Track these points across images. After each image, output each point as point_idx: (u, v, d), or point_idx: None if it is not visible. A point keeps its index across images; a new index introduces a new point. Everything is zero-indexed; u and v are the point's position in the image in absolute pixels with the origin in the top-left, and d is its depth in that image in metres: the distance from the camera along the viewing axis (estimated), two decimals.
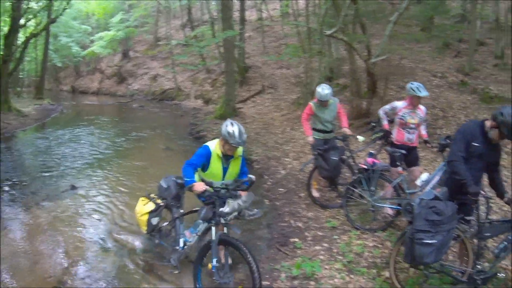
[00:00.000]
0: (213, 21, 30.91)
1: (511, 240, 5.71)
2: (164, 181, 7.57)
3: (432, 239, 5.29)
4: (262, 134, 17.56)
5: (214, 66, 30.74)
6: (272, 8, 39.03)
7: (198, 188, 5.98)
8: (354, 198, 8.93)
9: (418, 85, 8.39)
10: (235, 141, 6.20)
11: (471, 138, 5.87)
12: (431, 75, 19.05)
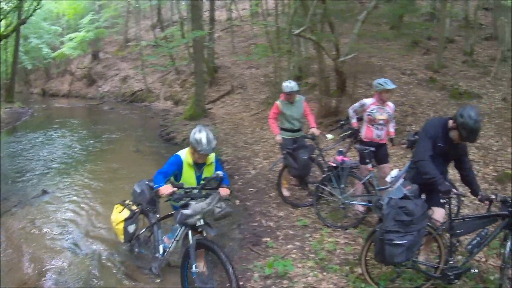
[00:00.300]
0: (182, 21, 30.85)
1: (484, 236, 5.74)
2: (137, 185, 7.22)
3: (402, 239, 5.28)
4: (231, 134, 17.53)
5: (183, 66, 30.60)
6: (241, 8, 38.96)
7: (165, 191, 5.82)
8: (325, 196, 9.01)
9: (384, 80, 8.44)
10: (202, 149, 6.00)
11: (435, 139, 5.90)
12: (400, 73, 19.16)
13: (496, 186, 10.43)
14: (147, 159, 15.26)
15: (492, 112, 14.50)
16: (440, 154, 6.00)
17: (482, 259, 7.10)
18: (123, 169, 13.86)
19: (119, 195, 10.71)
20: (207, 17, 28.95)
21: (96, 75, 38.65)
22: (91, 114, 28.26)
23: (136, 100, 31.72)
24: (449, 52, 21.20)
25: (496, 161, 11.54)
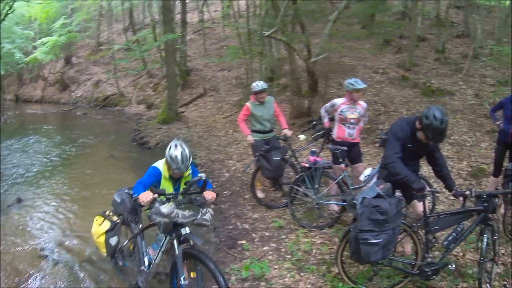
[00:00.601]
0: (154, 24, 30.66)
1: (460, 231, 5.77)
2: (117, 195, 6.82)
3: (377, 238, 5.28)
4: (205, 137, 17.48)
5: (156, 70, 30.43)
6: (213, 10, 38.93)
7: (144, 198, 5.47)
8: (299, 196, 9.01)
9: (355, 79, 8.44)
10: (177, 167, 5.75)
11: (404, 141, 5.91)
12: (372, 72, 19.26)
13: (471, 181, 10.52)
14: (121, 164, 15.14)
15: (465, 108, 14.60)
16: (410, 153, 6.02)
17: (459, 254, 7.16)
18: (98, 175, 13.73)
19: (95, 202, 10.73)
20: (179, 20, 28.79)
21: (68, 80, 38.21)
22: (65, 120, 27.93)
23: (109, 105, 31.37)
24: (421, 50, 21.34)
25: (470, 156, 11.64)
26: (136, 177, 13.21)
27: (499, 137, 9.08)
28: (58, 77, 38.57)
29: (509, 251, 7.32)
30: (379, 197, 5.47)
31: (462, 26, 23.75)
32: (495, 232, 5.76)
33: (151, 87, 29.52)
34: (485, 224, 5.71)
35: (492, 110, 9.44)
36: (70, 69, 39.28)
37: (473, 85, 16.45)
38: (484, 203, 5.61)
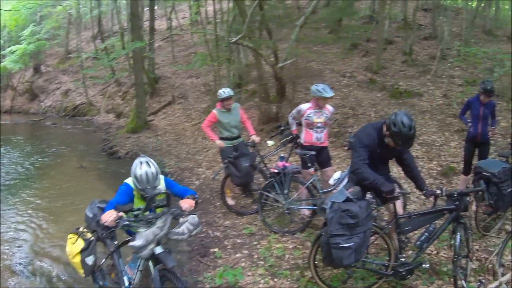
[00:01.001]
0: (122, 31, 30.48)
1: (432, 230, 5.80)
2: (89, 209, 6.25)
3: (348, 242, 5.25)
4: (174, 145, 17.47)
5: (124, 78, 30.21)
6: (182, 17, 38.84)
7: (107, 218, 5.07)
8: (269, 202, 8.98)
9: (323, 86, 8.41)
10: (142, 188, 5.41)
11: (371, 147, 5.89)
12: (339, 76, 19.36)
13: (441, 180, 10.61)
14: (92, 175, 14.99)
15: (434, 109, 14.71)
16: (379, 157, 6.03)
17: (433, 252, 7.19)
18: (68, 186, 13.55)
19: (67, 213, 10.61)
20: (147, 27, 28.75)
21: (38, 89, 37.71)
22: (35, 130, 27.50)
23: (78, 114, 31.02)
24: (388, 53, 21.52)
25: (440, 156, 11.74)
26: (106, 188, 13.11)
27: (467, 136, 9.17)
28: (27, 86, 38.04)
29: (483, 246, 7.41)
30: (349, 201, 5.46)
31: (430, 28, 24.05)
32: (468, 229, 5.81)
33: (120, 96, 29.33)
34: (457, 222, 5.74)
35: (461, 113, 9.57)
36: (39, 78, 38.84)
37: (441, 85, 16.59)
38: (456, 201, 5.64)
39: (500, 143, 11.86)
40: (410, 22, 22.35)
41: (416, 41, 21.96)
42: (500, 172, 7.03)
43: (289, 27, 16.56)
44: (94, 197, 6.85)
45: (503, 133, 12.37)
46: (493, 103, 9.08)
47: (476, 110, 8.83)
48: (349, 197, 5.46)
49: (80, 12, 36.91)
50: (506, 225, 8.15)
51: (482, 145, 8.99)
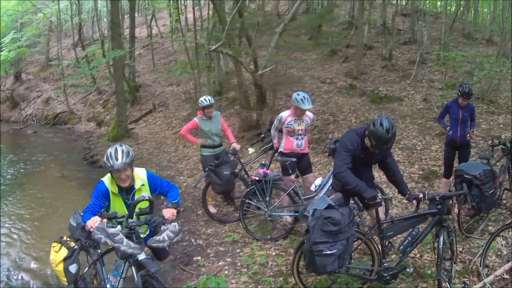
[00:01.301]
0: (103, 39, 30.37)
1: (415, 235, 5.80)
2: (73, 218, 6.24)
3: (332, 249, 5.21)
4: (155, 154, 17.45)
5: (105, 86, 30.13)
6: (162, 24, 38.89)
7: (92, 224, 5.06)
8: (251, 210, 9.01)
9: (303, 96, 8.35)
10: (114, 164, 5.20)
11: (354, 152, 5.88)
12: (319, 82, 19.49)
13: (423, 184, 10.64)
14: (73, 184, 14.89)
15: (414, 113, 14.80)
16: (363, 164, 6.07)
17: (417, 256, 7.20)
18: (50, 195, 13.45)
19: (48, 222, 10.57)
20: (127, 35, 28.69)
21: (18, 97, 37.35)
22: (15, 139, 27.21)
23: (59, 123, 30.74)
24: (368, 59, 21.70)
25: (421, 159, 11.80)
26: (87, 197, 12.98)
27: (447, 140, 9.22)
28: (8, 94, 37.72)
29: (466, 248, 7.44)
30: (331, 207, 5.43)
31: (409, 33, 24.34)
32: (451, 232, 5.82)
33: (100, 104, 29.22)
34: (440, 226, 5.74)
35: (440, 117, 9.60)
36: (20, 86, 38.57)
37: (421, 90, 16.74)
38: (438, 205, 5.65)
39: (481, 145, 11.94)
40: (389, 27, 22.54)
41: (396, 46, 22.15)
42: (481, 174, 7.09)
43: (269, 34, 16.58)
44: (75, 206, 6.82)
45: (483, 135, 12.46)
46: (472, 106, 9.13)
47: (455, 113, 8.87)
48: (331, 204, 5.43)
49: (60, 20, 36.72)
50: (489, 226, 8.18)
51: (462, 148, 9.04)
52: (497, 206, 8.69)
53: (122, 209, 5.60)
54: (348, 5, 29.54)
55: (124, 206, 5.65)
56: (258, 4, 35.53)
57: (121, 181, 5.44)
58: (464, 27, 24.75)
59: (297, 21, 22.12)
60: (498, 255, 6.83)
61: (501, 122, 13.31)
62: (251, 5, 35.15)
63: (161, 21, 39.46)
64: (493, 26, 23.77)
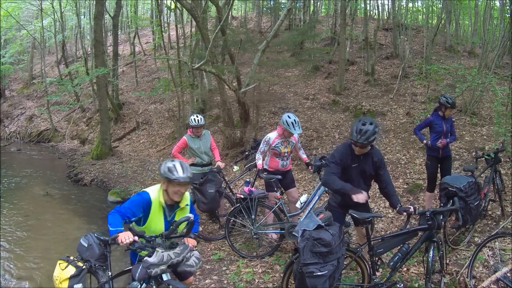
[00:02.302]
0: (86, 57, 30.28)
1: (405, 251, 5.80)
2: (84, 239, 5.83)
3: (322, 270, 5.18)
4: (139, 172, 17.35)
5: (89, 104, 30.00)
6: (145, 42, 38.84)
7: (124, 239, 4.78)
8: (236, 227, 9.08)
9: (294, 120, 8.37)
10: (178, 177, 5.10)
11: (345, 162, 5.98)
12: (302, 98, 19.59)
13: (408, 197, 10.72)
14: (57, 202, 14.73)
15: (397, 127, 14.89)
16: (358, 174, 6.10)
17: (404, 269, 7.22)
18: (34, 214, 13.26)
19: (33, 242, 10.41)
20: (111, 52, 28.62)
21: (2, 114, 37.27)
22: None
23: (43, 140, 30.46)
24: (350, 74, 21.79)
25: (406, 173, 11.88)
26: (72, 215, 12.94)
27: (429, 154, 9.27)
28: None
29: (453, 260, 7.48)
30: (320, 227, 5.40)
31: (391, 47, 24.37)
32: (441, 246, 5.87)
33: (84, 122, 29.09)
34: (430, 241, 5.77)
35: (417, 128, 9.64)
36: (4, 103, 38.33)
37: (404, 104, 16.85)
38: (429, 221, 5.66)
39: (465, 157, 12.03)
40: (371, 42, 22.65)
41: (378, 61, 22.27)
42: (466, 186, 7.15)
43: (252, 52, 16.67)
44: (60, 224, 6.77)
45: (467, 147, 12.57)
46: (451, 118, 9.23)
47: (440, 127, 8.92)
48: (320, 224, 5.41)
49: (44, 37, 36.62)
50: (475, 237, 8.25)
51: (445, 160, 9.09)
52: (483, 217, 8.77)
53: (160, 224, 5.42)
54: (330, 21, 29.83)
55: (162, 222, 5.44)
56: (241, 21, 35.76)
57: (176, 196, 5.29)
58: (446, 40, 24.96)
59: (280, 38, 22.31)
60: (485, 266, 6.87)
61: (484, 133, 13.45)
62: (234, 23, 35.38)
63: (144, 38, 39.43)
64: (475, 38, 23.97)
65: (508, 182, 10.22)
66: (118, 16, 26.72)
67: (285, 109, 17.54)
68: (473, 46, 24.50)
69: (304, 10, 28.14)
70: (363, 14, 26.57)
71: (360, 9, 30.68)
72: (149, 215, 5.31)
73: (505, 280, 5.75)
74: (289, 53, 23.36)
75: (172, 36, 33.02)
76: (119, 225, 5.00)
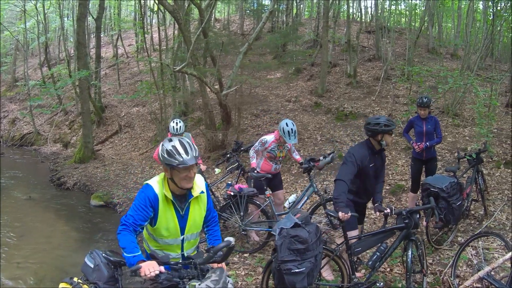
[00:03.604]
0: (69, 59, 30.11)
1: (384, 250, 5.81)
2: (89, 258, 4.90)
3: (300, 267, 5.20)
4: (121, 175, 17.24)
5: (71, 107, 29.76)
6: (128, 44, 38.73)
7: (148, 272, 3.75)
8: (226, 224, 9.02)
9: (291, 129, 8.26)
10: (183, 161, 4.00)
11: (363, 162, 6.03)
12: (285, 100, 19.61)
13: (390, 198, 10.80)
14: (40, 206, 14.53)
15: None
16: (373, 173, 6.21)
17: (387, 269, 7.27)
18: (17, 219, 13.06)
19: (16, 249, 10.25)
20: (93, 54, 28.47)
21: None
22: None
23: (25, 144, 30.14)
24: (333, 76, 21.83)
25: (388, 174, 11.92)
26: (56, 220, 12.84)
27: (413, 154, 9.31)
28: None
29: (436, 260, 7.54)
30: (297, 226, 5.44)
31: (373, 49, 24.45)
32: (420, 245, 5.88)
33: (67, 125, 28.88)
34: (408, 240, 5.79)
35: (405, 130, 9.76)
36: None
37: (386, 106, 16.95)
38: (405, 220, 5.70)
39: (448, 158, 12.11)
40: (354, 44, 22.73)
41: (360, 63, 22.36)
42: (448, 187, 7.22)
43: (234, 54, 16.65)
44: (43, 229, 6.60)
45: (449, 148, 12.66)
46: (435, 119, 9.26)
47: (419, 127, 9.00)
48: (297, 223, 5.45)
49: (27, 38, 36.44)
50: (458, 237, 8.32)
51: (429, 162, 9.13)
52: (466, 217, 8.86)
53: (173, 223, 4.30)
54: (313, 24, 29.90)
55: (175, 218, 4.32)
56: (224, 24, 35.72)
57: (185, 182, 4.16)
58: (429, 42, 25.17)
59: (262, 40, 22.34)
60: (469, 265, 6.95)
61: (466, 134, 13.58)
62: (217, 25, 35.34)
63: (127, 41, 39.30)
64: (458, 40, 24.11)
65: (490, 182, 10.35)
66: (101, 18, 26.58)
67: (267, 112, 17.60)
68: (456, 48, 24.76)
69: (287, 13, 28.09)
70: (346, 17, 26.63)
71: (343, 12, 30.77)
72: (159, 212, 4.23)
73: (488, 279, 5.77)
74: (271, 55, 23.43)
75: (155, 39, 32.96)
76: (136, 248, 4.02)
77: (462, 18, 26.99)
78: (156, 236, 4.35)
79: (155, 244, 4.44)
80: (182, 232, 4.36)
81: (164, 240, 4.35)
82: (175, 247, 4.41)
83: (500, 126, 13.83)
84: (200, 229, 4.58)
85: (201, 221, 4.55)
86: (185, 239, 4.43)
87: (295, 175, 13.12)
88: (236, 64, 14.72)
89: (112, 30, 40.38)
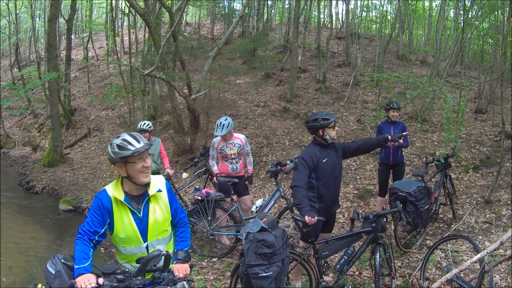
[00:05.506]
0: (39, 61, 29.86)
1: (351, 253, 5.85)
2: (50, 264, 4.23)
3: (267, 271, 5.20)
4: (90, 179, 17.16)
5: (41, 109, 29.49)
6: (98, 47, 38.51)
7: (84, 286, 3.60)
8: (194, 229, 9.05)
9: (220, 122, 8.59)
10: (135, 149, 3.80)
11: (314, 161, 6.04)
12: (253, 105, 19.70)
13: (358, 202, 10.89)
14: (9, 211, 14.28)
15: (348, 134, 15.07)
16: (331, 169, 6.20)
17: (356, 273, 7.32)
18: None
19: None
20: (64, 56, 28.26)
21: None
22: None
23: None
24: (302, 82, 21.94)
25: (356, 179, 12.05)
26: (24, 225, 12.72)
27: (380, 159, 9.40)
28: None
29: (405, 263, 7.62)
30: (264, 230, 5.44)
31: (343, 55, 24.58)
32: (387, 248, 5.94)
33: (36, 128, 28.55)
34: (376, 243, 5.84)
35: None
36: None
37: (355, 111, 17.06)
38: (372, 223, 5.76)
39: (416, 163, 12.23)
40: (324, 50, 22.84)
41: (330, 69, 22.51)
42: (415, 191, 7.32)
43: (203, 58, 16.67)
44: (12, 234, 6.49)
45: (418, 153, 12.82)
46: (403, 125, 9.40)
47: (387, 132, 9.06)
48: (263, 227, 5.46)
49: None
50: (427, 240, 8.44)
51: (397, 166, 9.22)
52: (434, 221, 9.02)
53: (131, 226, 4.03)
54: (283, 29, 30.01)
55: (132, 221, 4.03)
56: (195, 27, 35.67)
57: (144, 174, 3.95)
58: (399, 49, 25.34)
59: (232, 44, 22.37)
60: (438, 268, 7.05)
61: (435, 139, 13.74)
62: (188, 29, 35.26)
63: (98, 43, 39.05)
64: (428, 48, 24.30)
65: (459, 186, 10.52)
66: (73, 20, 26.32)
67: (235, 116, 17.60)
68: (426, 55, 25.03)
69: (257, 18, 28.19)
70: (316, 23, 26.71)
71: (314, 18, 30.88)
72: (114, 217, 4.00)
73: (457, 281, 5.84)
74: (241, 60, 23.40)
75: (125, 42, 32.88)
76: (83, 259, 3.86)
77: (433, 26, 27.21)
78: (118, 245, 4.13)
79: (122, 257, 4.23)
80: (144, 237, 4.11)
81: (126, 248, 4.13)
82: (140, 256, 3.95)
83: (469, 132, 14.05)
84: (168, 234, 4.33)
85: (165, 224, 4.25)
86: (150, 246, 4.16)
87: (263, 180, 13.17)
88: (205, 69, 14.74)
89: (83, 32, 40.16)
